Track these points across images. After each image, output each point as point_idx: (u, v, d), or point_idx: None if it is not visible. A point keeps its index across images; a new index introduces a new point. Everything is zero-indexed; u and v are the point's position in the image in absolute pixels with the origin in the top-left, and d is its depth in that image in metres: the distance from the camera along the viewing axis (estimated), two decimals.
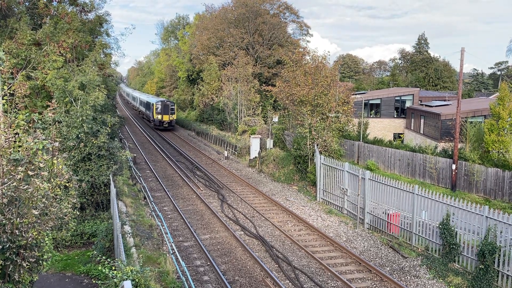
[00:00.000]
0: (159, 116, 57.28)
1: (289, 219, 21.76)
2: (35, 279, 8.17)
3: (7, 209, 7.36)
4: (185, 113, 69.05)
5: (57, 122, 19.65)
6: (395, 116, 50.81)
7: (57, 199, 8.77)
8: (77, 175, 18.35)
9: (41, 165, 7.84)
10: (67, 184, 9.25)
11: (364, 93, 57.44)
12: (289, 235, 19.03)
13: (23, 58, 23.35)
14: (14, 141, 8.12)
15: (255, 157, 34.77)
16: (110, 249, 15.48)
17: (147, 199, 24.55)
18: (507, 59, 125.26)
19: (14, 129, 8.45)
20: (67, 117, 20.05)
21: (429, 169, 30.41)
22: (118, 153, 21.40)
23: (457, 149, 28.38)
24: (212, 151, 42.47)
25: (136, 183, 27.98)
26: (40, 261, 8.21)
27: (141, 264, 12.71)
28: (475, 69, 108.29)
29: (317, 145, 27.47)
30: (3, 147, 7.67)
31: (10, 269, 7.49)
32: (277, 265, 16.11)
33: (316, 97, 29.81)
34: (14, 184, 7.31)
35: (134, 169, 31.64)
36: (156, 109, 57.58)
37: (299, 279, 14.97)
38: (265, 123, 42.83)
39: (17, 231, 7.39)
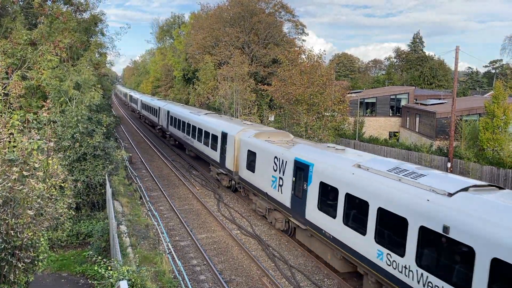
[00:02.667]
0: None
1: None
2: (30, 280, 8.16)
3: (2, 210, 7.33)
4: None
5: (52, 122, 19.55)
6: (391, 114, 51.01)
7: (53, 199, 8.75)
8: (72, 175, 18.27)
9: (36, 165, 7.82)
10: (62, 184, 9.23)
11: (359, 92, 57.60)
12: (285, 234, 19.05)
13: (18, 58, 23.20)
14: (9, 141, 8.10)
15: None
16: (106, 249, 15.43)
17: (143, 198, 24.50)
18: (501, 57, 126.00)
19: (8, 129, 8.42)
20: (62, 117, 19.94)
21: None
22: (114, 152, 21.31)
23: (452, 147, 28.51)
24: None
25: (132, 182, 27.92)
26: (36, 262, 8.20)
27: (138, 264, 12.71)
28: (470, 67, 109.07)
29: None
30: None
31: (5, 269, 7.47)
32: (273, 264, 16.13)
33: (312, 96, 29.86)
34: (9, 184, 7.28)
35: (130, 169, 31.56)
36: None
37: (296, 278, 15.01)
38: (261, 122, 42.83)
39: (12, 231, 7.37)
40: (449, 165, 28.39)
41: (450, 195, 10.39)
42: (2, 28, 24.31)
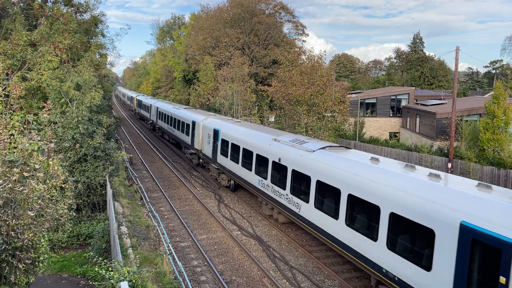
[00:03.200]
0: None
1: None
2: (31, 281, 8.15)
3: (3, 211, 7.33)
4: None
5: (52, 123, 19.56)
6: (391, 115, 51.00)
7: (53, 200, 8.75)
8: (73, 176, 18.27)
9: (37, 166, 7.82)
10: (63, 185, 9.22)
11: (360, 92, 57.61)
12: (286, 234, 19.03)
13: (18, 59, 23.24)
14: (9, 142, 8.10)
15: None
16: (106, 250, 15.43)
17: (144, 199, 24.49)
18: (501, 58, 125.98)
19: (9, 130, 8.42)
20: (63, 118, 19.96)
21: None
22: (114, 153, 21.32)
23: (452, 148, 28.50)
24: None
25: (132, 183, 27.91)
26: (36, 263, 8.19)
27: (138, 265, 12.70)
28: (470, 68, 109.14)
29: None
30: None
31: (6, 271, 7.46)
32: (274, 265, 16.12)
33: (312, 97, 29.87)
34: (9, 185, 7.28)
35: (130, 170, 31.56)
36: None
37: (296, 279, 14.99)
38: (262, 123, 42.83)
39: (12, 232, 7.37)
40: (449, 165, 28.38)
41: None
42: (3, 29, 24.34)
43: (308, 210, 16.39)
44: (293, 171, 17.65)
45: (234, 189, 26.21)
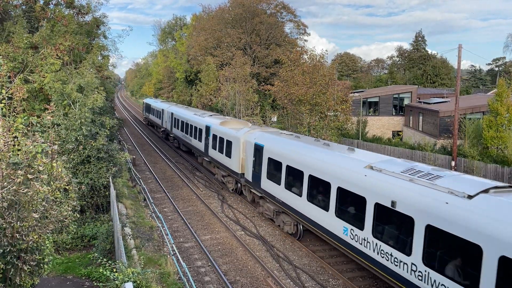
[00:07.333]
0: None
1: None
2: (36, 283, 8.18)
3: (7, 213, 7.36)
4: None
5: (55, 125, 19.60)
6: (394, 114, 50.89)
7: (57, 202, 8.77)
8: (76, 178, 18.32)
9: (41, 168, 7.84)
10: (66, 187, 9.24)
11: (362, 91, 57.51)
12: (289, 234, 19.03)
13: (20, 62, 23.30)
14: (13, 145, 8.12)
15: None
16: (110, 251, 15.45)
17: (147, 200, 24.53)
18: (504, 55, 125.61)
19: (12, 133, 8.45)
20: (66, 120, 20.01)
21: None
22: (117, 155, 21.35)
23: (456, 146, 28.42)
24: None
25: (135, 184, 27.95)
26: (41, 265, 8.22)
27: (142, 266, 12.72)
28: (473, 65, 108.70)
29: None
30: (2, 151, 7.66)
31: (11, 273, 7.49)
32: (278, 265, 16.11)
33: (314, 96, 29.84)
34: (14, 187, 7.31)
35: (133, 171, 31.61)
36: None
37: (301, 278, 14.98)
38: (264, 123, 42.80)
39: (17, 234, 7.40)
40: (453, 163, 28.30)
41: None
42: (4, 32, 24.41)
43: (195, 141, 32.92)
44: (191, 126, 34.63)
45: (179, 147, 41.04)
